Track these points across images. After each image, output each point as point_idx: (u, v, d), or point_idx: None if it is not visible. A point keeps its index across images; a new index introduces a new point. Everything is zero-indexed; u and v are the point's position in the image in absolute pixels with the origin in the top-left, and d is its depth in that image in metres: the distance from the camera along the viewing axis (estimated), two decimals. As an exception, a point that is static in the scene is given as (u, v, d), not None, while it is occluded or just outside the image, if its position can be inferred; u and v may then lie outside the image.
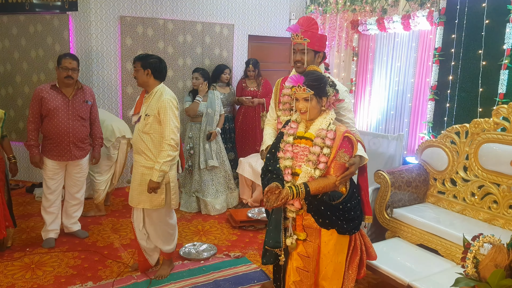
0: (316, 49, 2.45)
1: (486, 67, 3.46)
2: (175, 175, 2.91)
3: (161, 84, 2.90)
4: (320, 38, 2.47)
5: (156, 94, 2.83)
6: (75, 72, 3.36)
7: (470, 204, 3.23)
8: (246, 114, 5.09)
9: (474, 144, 3.21)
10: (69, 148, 3.42)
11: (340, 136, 2.14)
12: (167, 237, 3.02)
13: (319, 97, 2.17)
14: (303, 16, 2.47)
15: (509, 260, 1.11)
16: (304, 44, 2.39)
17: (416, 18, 3.95)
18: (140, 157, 2.85)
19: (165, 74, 2.92)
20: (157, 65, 2.84)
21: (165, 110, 2.74)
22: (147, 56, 2.88)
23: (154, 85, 2.86)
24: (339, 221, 2.16)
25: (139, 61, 2.82)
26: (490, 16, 3.41)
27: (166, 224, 2.99)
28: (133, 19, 4.81)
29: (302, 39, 2.39)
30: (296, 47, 2.46)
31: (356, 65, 4.98)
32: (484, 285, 1.11)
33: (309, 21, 2.42)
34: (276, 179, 2.21)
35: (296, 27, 2.40)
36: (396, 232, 3.28)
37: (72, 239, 3.66)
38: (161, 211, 2.93)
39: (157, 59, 2.87)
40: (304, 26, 2.40)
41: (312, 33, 2.41)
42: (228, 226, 4.09)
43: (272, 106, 2.72)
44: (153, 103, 2.80)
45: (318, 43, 2.44)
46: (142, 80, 2.83)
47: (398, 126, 4.52)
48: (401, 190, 3.36)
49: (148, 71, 2.81)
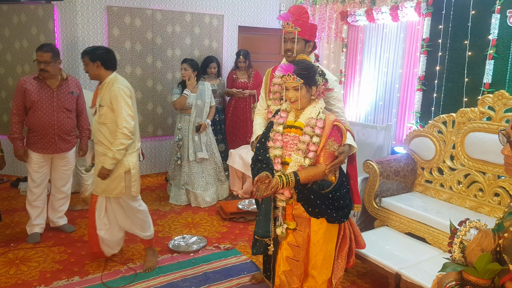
0: (307, 38, 2.44)
1: (472, 57, 3.50)
2: (136, 162, 2.91)
3: (114, 73, 2.90)
4: (311, 27, 2.46)
5: (108, 84, 2.84)
6: (49, 65, 3.23)
7: (456, 193, 3.28)
8: (237, 105, 5.07)
9: (460, 134, 3.25)
10: (54, 141, 3.36)
11: (330, 125, 2.15)
12: (142, 223, 3.01)
13: (309, 86, 2.17)
14: (294, 5, 2.46)
15: (495, 245, 1.13)
16: (295, 33, 2.38)
17: (404, 9, 3.97)
18: (100, 147, 2.86)
19: (115, 63, 2.93)
20: (105, 55, 2.85)
21: (116, 99, 2.75)
22: (94, 48, 2.89)
23: (106, 76, 2.86)
24: (328, 210, 2.17)
25: (87, 55, 2.83)
26: (476, 6, 3.45)
27: (137, 211, 2.98)
28: (121, 9, 4.74)
29: (292, 28, 2.38)
30: (286, 36, 2.45)
31: (345, 56, 4.99)
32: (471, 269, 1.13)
33: (300, 10, 2.41)
34: (266, 168, 2.21)
35: (287, 16, 2.39)
36: (385, 221, 3.32)
37: (58, 234, 3.60)
38: (127, 199, 2.92)
39: (105, 50, 2.91)
40: (295, 14, 2.39)
41: (303, 22, 2.40)
42: (218, 218, 4.09)
43: (262, 95, 2.71)
44: (106, 94, 2.81)
45: (308, 32, 2.43)
46: (94, 72, 2.86)
47: (387, 117, 4.56)
48: (389, 179, 3.39)
49: (98, 63, 2.82)
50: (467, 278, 1.14)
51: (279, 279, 2.37)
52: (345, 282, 2.95)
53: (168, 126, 5.28)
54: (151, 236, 3.09)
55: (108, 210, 2.99)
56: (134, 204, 2.97)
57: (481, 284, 1.12)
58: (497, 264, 1.09)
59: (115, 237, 3.06)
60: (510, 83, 3.26)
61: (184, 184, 4.35)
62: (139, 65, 4.96)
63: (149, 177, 5.26)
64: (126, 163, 2.84)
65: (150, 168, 5.32)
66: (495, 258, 1.12)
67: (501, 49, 3.29)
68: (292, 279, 2.31)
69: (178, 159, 4.32)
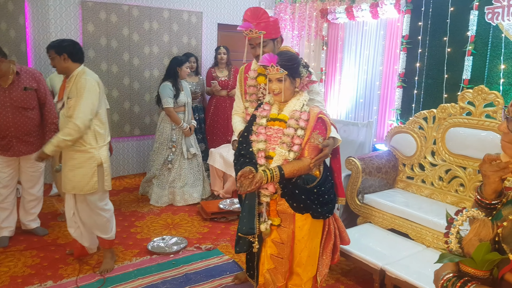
0: (273, 36, 2.38)
1: (451, 54, 3.53)
2: (107, 156, 2.82)
3: (81, 66, 2.79)
4: (274, 25, 2.38)
5: (76, 77, 2.72)
6: None
7: (438, 188, 3.30)
8: (218, 104, 4.98)
9: (441, 129, 3.27)
10: (13, 144, 3.15)
11: (314, 117, 2.10)
12: (105, 223, 2.92)
13: (293, 78, 2.12)
14: (248, 9, 2.34)
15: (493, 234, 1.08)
16: (261, 37, 2.30)
17: (384, 6, 3.98)
18: None
19: (82, 55, 2.81)
20: (71, 47, 2.74)
21: (82, 90, 2.62)
22: (59, 41, 2.77)
23: (74, 69, 2.75)
24: (313, 205, 2.11)
25: (52, 48, 2.72)
26: (454, 3, 3.48)
27: (102, 210, 2.88)
28: (95, 4, 4.58)
29: (257, 33, 2.30)
30: (252, 42, 2.37)
31: (326, 54, 4.98)
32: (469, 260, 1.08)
33: (258, 12, 2.31)
34: (249, 163, 2.14)
35: (247, 24, 2.30)
36: (368, 217, 3.29)
37: (30, 237, 3.43)
38: (95, 197, 2.82)
39: (71, 42, 2.79)
40: (255, 19, 2.30)
41: (266, 23, 2.31)
42: (199, 218, 3.98)
43: (239, 95, 2.62)
44: (73, 86, 2.69)
45: (273, 30, 2.36)
46: (61, 66, 2.74)
47: (368, 114, 4.56)
48: (371, 176, 3.38)
49: (64, 55, 2.70)
50: (465, 269, 1.09)
51: (263, 277, 2.30)
52: (330, 280, 2.91)
53: (145, 125, 5.13)
54: (111, 237, 3.00)
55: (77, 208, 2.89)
56: (101, 203, 2.86)
57: (479, 276, 1.07)
58: (496, 254, 1.04)
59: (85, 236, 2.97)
60: (488, 79, 3.30)
61: (171, 182, 4.25)
62: (115, 62, 4.80)
63: (127, 178, 5.09)
64: (97, 156, 2.73)
65: (127, 169, 5.16)
66: (494, 248, 1.08)
67: (480, 45, 3.33)
68: (277, 277, 2.24)
69: (170, 163, 4.22)
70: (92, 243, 3.05)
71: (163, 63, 5.09)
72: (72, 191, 2.77)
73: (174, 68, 4.15)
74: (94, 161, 2.72)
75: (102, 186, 2.80)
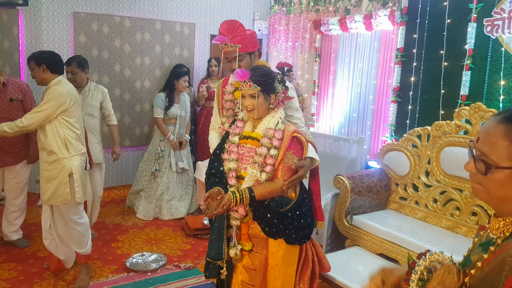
0: (250, 50, 2.26)
1: (448, 68, 3.37)
2: (79, 166, 2.74)
3: (60, 77, 2.77)
4: (250, 38, 2.26)
5: (52, 87, 2.70)
6: None
7: (432, 211, 3.11)
8: (208, 115, 4.85)
9: (435, 148, 3.09)
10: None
11: (289, 136, 1.95)
12: (80, 237, 2.82)
13: (267, 93, 1.98)
14: (224, 21, 2.24)
15: (459, 284, 0.91)
16: (236, 50, 2.18)
17: (378, 17, 3.85)
18: (43, 153, 2.71)
19: (61, 66, 2.84)
20: (50, 59, 2.74)
21: (47, 96, 2.62)
22: (39, 53, 2.81)
23: (52, 80, 2.74)
24: (287, 230, 1.95)
25: (33, 59, 2.74)
26: (451, 15, 3.33)
27: (76, 223, 2.79)
28: (87, 15, 4.52)
29: (232, 47, 2.18)
30: (228, 55, 2.25)
31: (319, 67, 4.84)
32: None
33: (233, 25, 2.20)
34: (219, 183, 2.00)
35: (222, 38, 2.19)
36: (356, 240, 3.11)
37: (11, 249, 3.35)
38: (67, 209, 2.74)
39: (51, 53, 2.80)
40: (230, 32, 2.19)
41: (242, 37, 2.19)
42: (182, 234, 3.83)
43: (216, 110, 2.49)
44: (46, 94, 2.68)
45: (250, 44, 2.24)
46: (40, 77, 2.74)
47: (361, 129, 4.40)
48: (361, 196, 3.20)
49: (43, 66, 2.70)
50: None
51: (234, 306, 2.13)
52: (312, 308, 2.72)
53: (135, 136, 5.02)
54: (87, 252, 2.90)
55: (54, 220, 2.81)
56: (75, 216, 2.77)
57: None
58: None
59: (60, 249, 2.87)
60: (488, 95, 3.13)
61: (159, 195, 4.17)
62: (106, 73, 4.72)
63: (115, 189, 4.98)
64: (68, 166, 2.67)
65: (116, 180, 5.04)
66: None
67: (478, 59, 3.16)
68: (248, 306, 2.07)
69: (155, 172, 4.17)
70: (68, 257, 2.94)
71: (155, 74, 5.01)
72: (48, 202, 2.72)
73: (172, 81, 4.21)
74: (65, 171, 2.67)
75: (74, 198, 2.71)
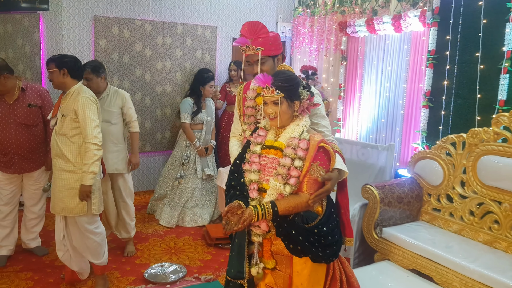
0: (273, 53, 2.11)
1: (485, 71, 3.15)
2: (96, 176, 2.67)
3: (79, 83, 2.72)
4: (273, 41, 2.11)
5: (73, 94, 2.65)
6: None
7: (468, 224, 2.89)
8: (230, 119, 4.74)
9: (472, 157, 2.88)
10: (15, 161, 3.07)
11: (315, 146, 1.80)
12: (97, 248, 2.75)
13: (291, 100, 1.84)
14: (246, 23, 2.11)
15: None
16: (259, 53, 2.05)
17: (407, 18, 3.65)
18: (59, 161, 2.64)
19: (82, 73, 2.80)
20: (72, 63, 2.67)
21: (83, 109, 2.59)
22: (61, 56, 2.73)
23: (71, 85, 2.68)
24: (313, 248, 1.81)
25: (53, 62, 2.66)
26: (488, 15, 3.11)
27: (92, 233, 2.72)
28: (108, 19, 4.50)
29: (254, 49, 2.05)
30: (250, 59, 2.11)
31: (345, 70, 4.66)
32: None
33: (256, 27, 2.06)
34: (239, 196, 1.87)
35: (244, 40, 2.05)
36: (386, 254, 2.93)
37: (29, 257, 3.31)
38: (83, 219, 2.67)
39: (73, 58, 2.73)
40: (252, 34, 2.05)
41: (264, 39, 2.06)
42: (203, 243, 3.73)
43: (237, 117, 2.36)
44: (69, 103, 2.63)
45: (273, 47, 2.10)
46: (59, 81, 2.66)
47: (390, 135, 4.19)
48: (391, 206, 3.02)
49: (64, 70, 2.63)
50: None
51: (255, 327, 1.99)
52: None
53: (156, 141, 4.97)
54: (104, 263, 2.83)
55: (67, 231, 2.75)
56: (91, 226, 2.70)
57: None
58: None
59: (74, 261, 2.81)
60: (528, 100, 2.90)
61: (185, 203, 4.10)
62: (127, 78, 4.69)
63: (136, 195, 4.92)
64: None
65: (137, 185, 5.00)
66: None
67: (517, 62, 2.94)
68: (271, 328, 1.93)
69: (180, 178, 4.10)
70: (82, 268, 2.88)
71: (176, 79, 4.95)
72: (62, 213, 2.66)
73: (198, 87, 4.16)
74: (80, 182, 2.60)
75: (90, 209, 2.66)
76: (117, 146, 3.34)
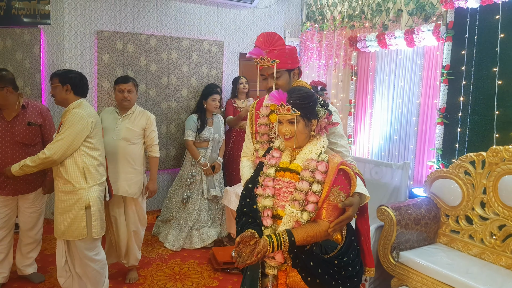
0: (289, 67, 1.99)
1: (503, 87, 3.03)
2: (97, 197, 2.55)
3: (80, 99, 2.61)
4: (290, 53, 2.00)
5: (71, 110, 2.55)
6: None
7: (489, 247, 2.74)
8: (238, 137, 4.62)
9: (492, 176, 2.74)
10: (9, 182, 2.89)
11: (334, 169, 1.67)
12: (96, 276, 2.60)
13: (308, 119, 1.72)
14: (261, 33, 2.00)
15: None
16: (274, 66, 1.93)
17: (420, 33, 3.55)
18: (59, 181, 2.54)
19: (86, 90, 2.69)
20: (77, 80, 2.59)
21: (68, 122, 2.48)
22: (66, 71, 2.65)
23: (73, 101, 2.59)
24: (333, 281, 1.66)
25: (57, 76, 2.58)
26: (505, 29, 3.01)
27: (91, 260, 2.57)
28: (112, 33, 4.42)
29: (269, 62, 1.94)
30: (264, 72, 2.00)
31: (355, 85, 4.55)
32: None
33: (272, 38, 1.95)
34: (252, 224, 1.73)
35: (259, 51, 1.94)
36: (404, 280, 2.76)
37: (24, 285, 3.12)
38: (82, 244, 2.53)
39: (78, 74, 2.65)
40: (268, 45, 1.94)
41: (280, 51, 1.94)
42: (209, 268, 3.55)
43: (249, 135, 2.23)
44: (66, 119, 2.52)
45: (289, 60, 1.97)
46: (61, 97, 2.58)
47: (403, 153, 4.05)
48: (408, 229, 2.86)
49: (68, 86, 2.56)
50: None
51: None
52: None
53: (161, 159, 4.83)
54: None
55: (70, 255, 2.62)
56: (90, 253, 2.54)
57: None
58: None
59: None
60: (549, 117, 2.76)
61: (193, 225, 3.95)
62: (131, 93, 4.58)
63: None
64: (85, 197, 2.48)
65: (141, 205, 4.84)
66: None
67: (537, 77, 2.82)
68: None
69: (186, 199, 3.96)
70: None
71: (181, 94, 4.85)
72: (62, 236, 2.53)
73: (201, 102, 4.10)
74: (82, 203, 2.47)
75: (91, 233, 2.51)
76: (133, 168, 3.14)
